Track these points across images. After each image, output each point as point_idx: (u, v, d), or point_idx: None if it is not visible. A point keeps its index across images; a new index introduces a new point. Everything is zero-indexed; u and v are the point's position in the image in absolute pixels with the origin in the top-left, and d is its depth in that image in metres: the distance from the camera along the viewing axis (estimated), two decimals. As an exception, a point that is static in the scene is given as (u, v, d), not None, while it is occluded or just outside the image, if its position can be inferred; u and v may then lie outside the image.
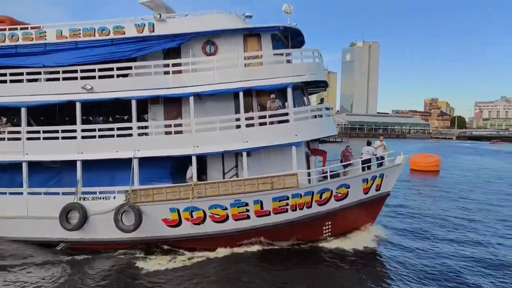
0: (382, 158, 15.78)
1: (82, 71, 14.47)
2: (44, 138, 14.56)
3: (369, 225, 16.25)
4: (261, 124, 14.15)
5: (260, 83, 14.08)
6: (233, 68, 14.26)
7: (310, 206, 14.34)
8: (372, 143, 16.58)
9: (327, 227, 15.26)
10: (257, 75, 14.18)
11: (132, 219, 13.55)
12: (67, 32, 15.07)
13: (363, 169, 15.19)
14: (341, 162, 16.65)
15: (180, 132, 14.39)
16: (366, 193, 15.33)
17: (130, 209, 13.53)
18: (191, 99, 13.98)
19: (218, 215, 13.81)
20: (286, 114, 14.22)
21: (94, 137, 14.39)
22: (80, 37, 14.92)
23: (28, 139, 14.60)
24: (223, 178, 14.77)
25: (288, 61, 15.24)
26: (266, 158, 14.66)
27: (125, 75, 14.77)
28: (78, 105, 14.37)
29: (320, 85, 16.00)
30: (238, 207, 13.76)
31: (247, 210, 13.83)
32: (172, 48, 14.82)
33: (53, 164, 14.96)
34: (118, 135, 14.29)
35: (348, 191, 14.82)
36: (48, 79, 14.82)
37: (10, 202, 14.46)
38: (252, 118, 14.09)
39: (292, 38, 16.11)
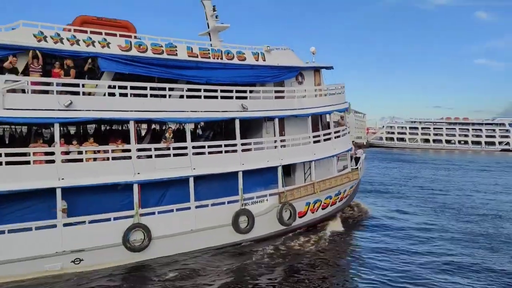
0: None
1: (237, 91, 16.02)
2: (209, 153, 15.25)
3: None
4: (337, 137, 20.11)
5: (338, 107, 20.06)
6: (324, 96, 19.55)
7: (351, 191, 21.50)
8: None
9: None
10: (335, 101, 20.03)
11: (288, 215, 16.78)
12: (197, 50, 15.89)
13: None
14: None
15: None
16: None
17: (289, 207, 16.74)
18: (309, 119, 18.30)
19: (326, 203, 18.90)
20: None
21: (250, 150, 16.27)
22: (209, 57, 16.08)
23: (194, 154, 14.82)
24: (304, 179, 19.50)
25: None
26: (323, 162, 20.34)
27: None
28: (237, 122, 15.86)
29: None
30: (336, 195, 19.35)
31: (338, 198, 19.60)
32: None
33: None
34: (268, 147, 16.86)
35: None
36: (205, 97, 15.41)
37: (178, 219, 14.32)
38: (337, 132, 19.92)
39: None
